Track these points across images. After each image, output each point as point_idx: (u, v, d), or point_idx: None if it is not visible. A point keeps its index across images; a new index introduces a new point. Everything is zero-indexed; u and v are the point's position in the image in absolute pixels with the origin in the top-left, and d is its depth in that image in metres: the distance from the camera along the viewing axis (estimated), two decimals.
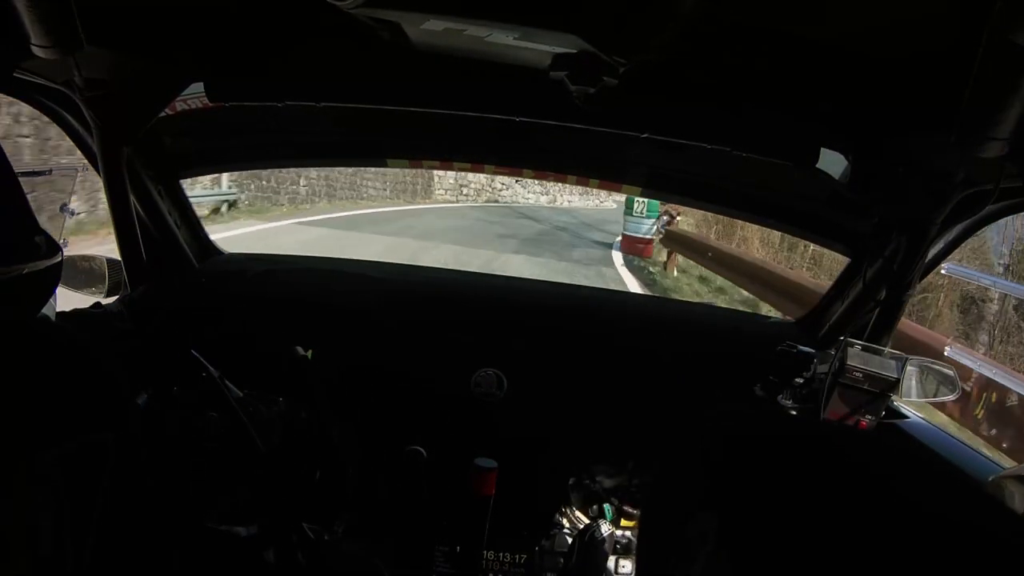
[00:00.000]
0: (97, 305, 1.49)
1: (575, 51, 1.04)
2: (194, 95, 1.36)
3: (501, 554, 1.55)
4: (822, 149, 1.30)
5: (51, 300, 1.15)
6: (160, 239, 1.55)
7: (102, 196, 1.63)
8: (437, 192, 20.81)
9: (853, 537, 0.39)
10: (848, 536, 0.39)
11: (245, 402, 1.34)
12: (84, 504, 0.64)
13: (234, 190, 10.81)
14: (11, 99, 1.30)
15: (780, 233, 8.26)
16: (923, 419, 1.42)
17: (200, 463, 1.31)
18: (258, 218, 10.61)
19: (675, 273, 9.88)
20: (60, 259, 0.72)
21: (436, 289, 1.81)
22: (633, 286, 8.58)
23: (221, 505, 1.33)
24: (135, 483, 0.70)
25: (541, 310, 1.71)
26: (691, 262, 9.75)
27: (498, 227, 13.11)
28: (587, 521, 1.58)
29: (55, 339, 0.76)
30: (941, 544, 0.39)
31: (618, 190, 1.88)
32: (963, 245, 1.49)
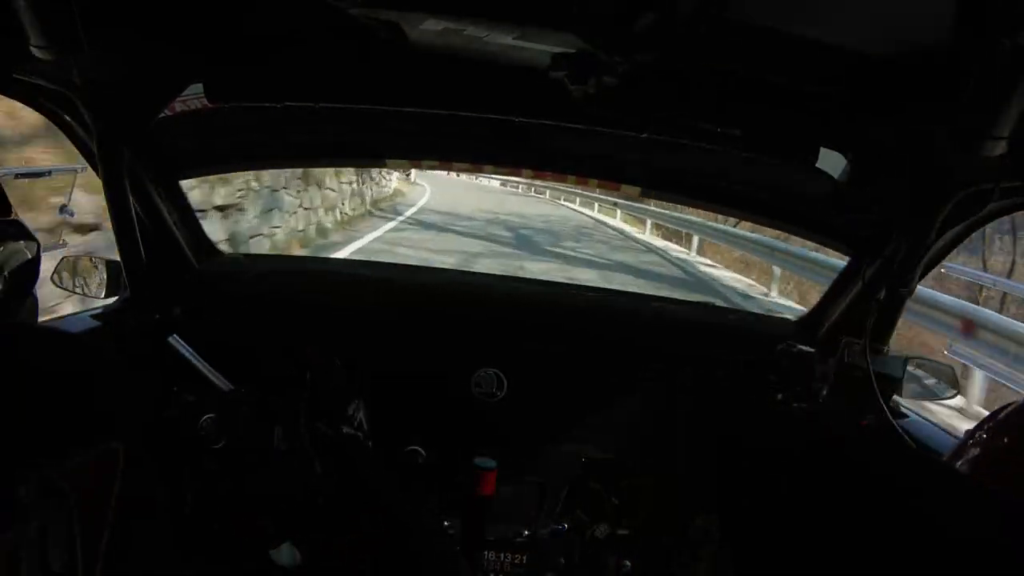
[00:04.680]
0: (96, 306, 1.49)
1: (574, 51, 1.04)
2: (194, 95, 1.36)
3: (501, 554, 1.55)
4: (822, 149, 1.30)
5: (35, 301, 1.15)
6: (160, 240, 1.55)
7: None
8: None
9: (855, 536, 0.38)
10: (850, 535, 0.39)
11: (241, 399, 1.34)
12: (96, 514, 0.63)
13: None
14: None
15: None
16: (924, 418, 1.42)
17: (202, 465, 1.31)
18: None
19: None
20: (36, 246, 0.71)
21: (436, 289, 1.81)
22: None
23: (226, 506, 1.33)
24: (143, 488, 0.70)
25: (541, 310, 1.71)
26: None
27: None
28: (587, 521, 1.58)
29: (56, 343, 0.76)
30: (941, 545, 0.39)
31: (617, 190, 1.88)
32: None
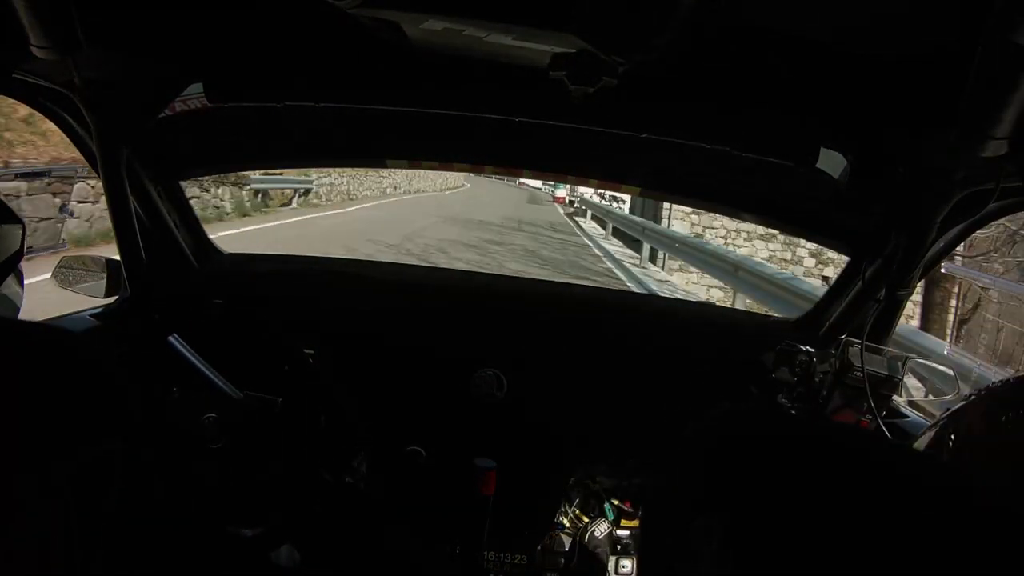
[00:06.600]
0: (97, 306, 1.49)
1: (574, 51, 1.04)
2: (194, 95, 1.36)
3: (501, 554, 1.55)
4: (822, 149, 1.30)
5: (21, 297, 1.15)
6: (160, 240, 1.55)
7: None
8: None
9: (859, 534, 0.38)
10: (855, 533, 0.39)
11: (244, 401, 1.34)
12: (94, 514, 0.63)
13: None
14: None
15: None
16: (923, 418, 1.42)
17: (202, 465, 1.31)
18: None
19: None
20: (21, 229, 0.71)
21: (436, 289, 1.81)
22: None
23: (225, 507, 1.33)
24: (142, 488, 0.70)
25: (541, 310, 1.71)
26: None
27: None
28: (587, 521, 1.58)
29: (56, 343, 0.75)
30: (947, 534, 0.39)
31: (617, 190, 1.88)
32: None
